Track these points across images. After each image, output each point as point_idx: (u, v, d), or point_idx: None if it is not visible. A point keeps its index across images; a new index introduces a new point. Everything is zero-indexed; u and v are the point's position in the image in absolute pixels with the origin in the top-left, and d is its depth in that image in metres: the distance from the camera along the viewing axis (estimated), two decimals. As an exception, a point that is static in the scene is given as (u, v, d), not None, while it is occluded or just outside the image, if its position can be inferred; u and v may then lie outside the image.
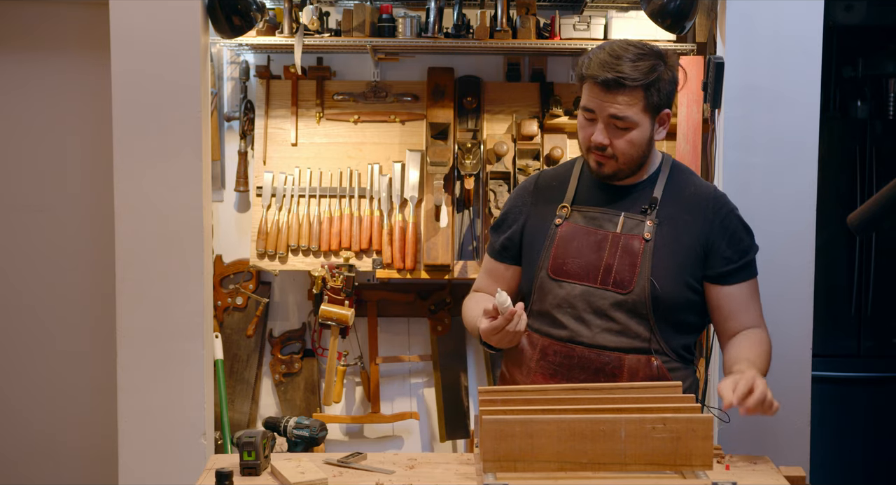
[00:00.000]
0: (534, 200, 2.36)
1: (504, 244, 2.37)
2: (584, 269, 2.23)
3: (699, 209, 2.28)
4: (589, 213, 2.29)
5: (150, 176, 3.03)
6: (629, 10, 3.54)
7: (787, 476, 1.98)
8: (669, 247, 2.23)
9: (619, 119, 2.18)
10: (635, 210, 2.27)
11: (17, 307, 3.71)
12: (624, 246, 2.23)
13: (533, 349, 2.27)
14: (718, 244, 2.26)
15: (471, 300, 2.42)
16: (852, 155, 3.94)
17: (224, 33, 3.17)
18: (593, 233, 2.26)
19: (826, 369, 3.81)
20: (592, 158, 2.25)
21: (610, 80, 2.14)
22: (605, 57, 2.16)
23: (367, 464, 2.03)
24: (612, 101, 2.16)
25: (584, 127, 2.24)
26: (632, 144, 2.21)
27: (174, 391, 3.06)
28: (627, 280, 2.21)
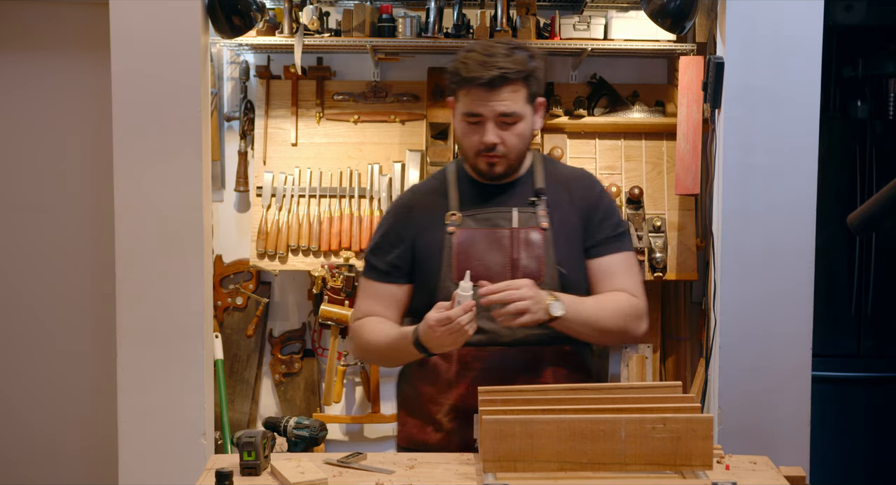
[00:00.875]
0: (415, 216, 2.31)
1: (394, 264, 2.30)
2: (491, 269, 2.23)
3: (576, 190, 2.32)
4: (480, 215, 2.28)
5: (150, 176, 3.03)
6: (629, 10, 3.54)
7: (787, 476, 1.98)
8: (563, 231, 2.27)
9: (507, 115, 2.19)
10: (524, 203, 2.28)
11: (17, 307, 3.71)
12: (525, 239, 2.24)
13: (448, 362, 2.23)
14: (592, 218, 2.30)
15: (370, 323, 2.30)
16: (852, 155, 3.94)
17: (224, 33, 3.17)
18: (491, 233, 2.26)
19: (826, 369, 3.81)
20: (482, 160, 2.23)
21: (496, 78, 2.14)
22: (480, 58, 2.16)
23: (367, 464, 2.03)
24: (498, 98, 2.17)
25: (470, 133, 2.22)
26: (520, 137, 2.23)
27: (174, 391, 3.06)
28: (536, 271, 2.22)
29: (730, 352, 3.09)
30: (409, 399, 2.34)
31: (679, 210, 3.64)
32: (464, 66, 2.18)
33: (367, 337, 2.29)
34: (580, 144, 3.67)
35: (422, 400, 2.29)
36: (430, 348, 2.14)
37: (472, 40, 3.44)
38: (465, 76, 2.18)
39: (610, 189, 3.57)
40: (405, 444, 2.34)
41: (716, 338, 3.11)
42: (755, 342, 3.10)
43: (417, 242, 2.29)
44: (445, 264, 2.24)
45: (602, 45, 3.49)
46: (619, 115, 3.65)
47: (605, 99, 3.66)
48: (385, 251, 2.32)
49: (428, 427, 2.27)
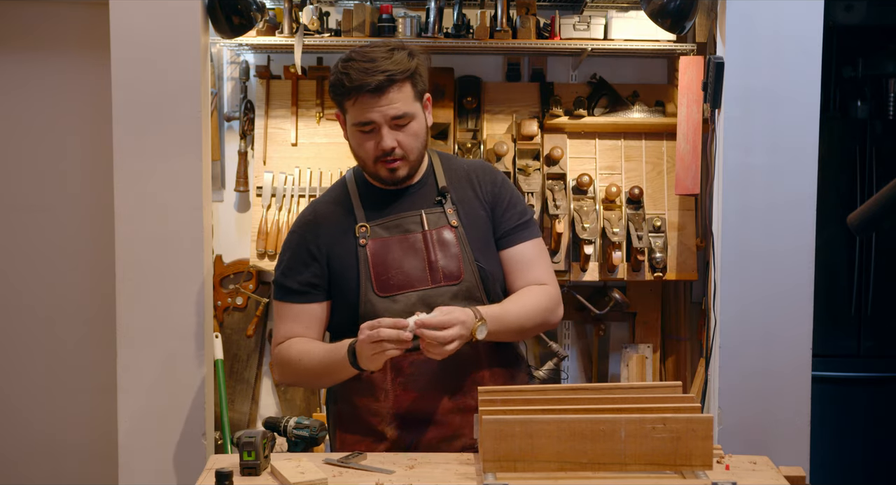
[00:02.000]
0: (322, 231, 2.28)
1: (310, 282, 2.26)
2: (411, 275, 2.22)
3: (477, 182, 2.32)
4: (388, 223, 2.26)
5: (150, 176, 3.03)
6: (629, 10, 3.54)
7: (787, 476, 1.98)
8: (474, 226, 2.27)
9: (399, 117, 2.17)
10: (429, 205, 2.28)
11: (18, 307, 3.71)
12: (438, 240, 2.24)
13: (383, 373, 2.21)
14: (499, 207, 2.31)
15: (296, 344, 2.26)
16: (852, 155, 3.94)
17: (224, 33, 3.17)
18: (403, 239, 2.24)
19: (826, 368, 3.81)
20: (382, 167, 2.21)
21: (382, 82, 2.13)
22: (361, 65, 2.15)
23: (367, 464, 2.03)
24: (388, 102, 2.15)
25: (364, 141, 2.20)
26: (416, 136, 2.22)
27: (174, 391, 3.06)
28: (456, 270, 2.23)
29: (730, 352, 3.09)
30: (345, 416, 2.30)
31: (679, 210, 3.64)
32: (346, 77, 2.16)
33: (297, 359, 2.24)
34: (580, 144, 3.67)
35: (360, 414, 2.26)
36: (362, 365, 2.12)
37: (473, 40, 3.44)
38: (349, 86, 2.15)
39: (610, 189, 3.57)
40: None
41: (716, 338, 3.11)
42: (755, 342, 3.10)
43: (331, 258, 2.26)
44: (364, 278, 2.22)
45: (602, 45, 3.49)
46: (619, 115, 3.65)
47: (605, 99, 3.66)
48: (297, 271, 2.27)
49: (368, 439, 2.24)
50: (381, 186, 2.29)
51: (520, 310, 2.25)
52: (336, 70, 2.21)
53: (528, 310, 2.26)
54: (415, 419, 2.22)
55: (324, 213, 2.31)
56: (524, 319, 2.25)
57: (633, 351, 3.74)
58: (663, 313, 3.81)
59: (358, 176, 2.34)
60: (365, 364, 2.12)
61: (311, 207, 2.37)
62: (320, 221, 2.30)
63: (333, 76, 2.22)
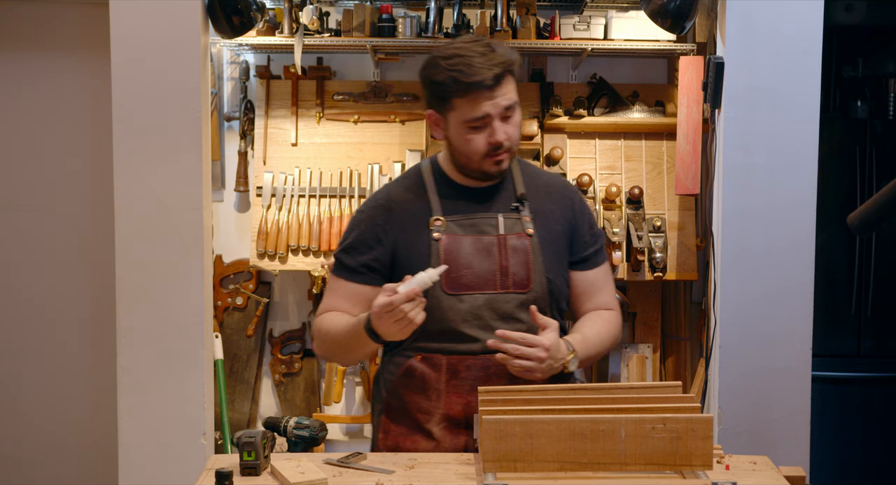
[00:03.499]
0: (395, 218, 2.24)
1: (370, 265, 2.22)
2: (481, 277, 2.19)
3: (558, 197, 2.30)
4: (464, 220, 2.23)
5: (150, 176, 3.03)
6: (629, 10, 3.54)
7: (787, 476, 1.98)
8: (548, 238, 2.25)
9: (509, 108, 2.15)
10: (506, 209, 2.25)
11: (18, 307, 3.71)
12: (512, 246, 2.21)
13: (437, 371, 2.18)
14: (579, 229, 2.30)
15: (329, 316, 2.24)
16: (852, 155, 3.94)
17: (224, 33, 3.17)
18: (478, 240, 2.21)
19: (826, 368, 3.81)
20: (490, 162, 2.18)
21: (500, 75, 2.10)
22: (474, 61, 2.10)
23: (367, 464, 2.03)
24: (502, 93, 2.13)
25: (474, 137, 2.16)
26: (518, 127, 2.20)
27: (174, 391, 3.06)
28: (525, 279, 2.20)
29: (730, 352, 3.09)
30: (393, 407, 2.27)
31: (679, 210, 3.64)
32: (459, 73, 2.11)
33: (326, 329, 2.23)
34: (580, 144, 3.67)
35: (408, 408, 2.23)
36: (381, 335, 2.08)
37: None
38: (466, 81, 2.10)
39: (610, 189, 3.57)
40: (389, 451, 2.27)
41: (716, 338, 3.11)
42: (755, 342, 3.10)
43: (399, 247, 2.23)
44: None
45: (602, 45, 3.49)
46: (619, 116, 3.65)
47: (605, 99, 3.66)
48: (360, 252, 2.24)
49: (416, 435, 2.22)
50: (460, 182, 2.25)
51: (597, 340, 2.26)
52: (440, 69, 2.14)
53: (603, 339, 2.28)
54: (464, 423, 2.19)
55: (398, 199, 2.26)
56: (600, 347, 2.27)
57: (633, 351, 3.74)
58: (663, 313, 3.81)
59: (435, 168, 2.29)
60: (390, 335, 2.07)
61: (384, 190, 2.31)
62: (393, 206, 2.25)
63: (440, 75, 2.14)
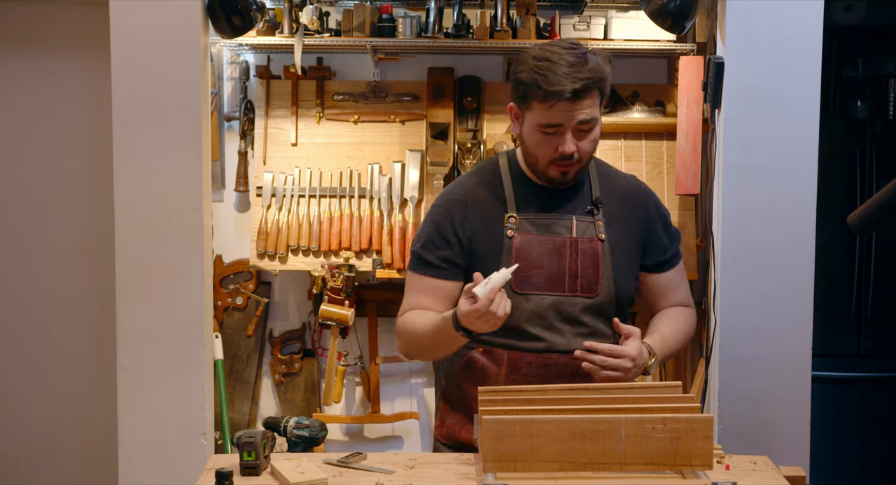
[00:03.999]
0: (470, 212, 2.24)
1: (449, 260, 2.23)
2: (549, 279, 2.19)
3: (633, 202, 2.31)
4: (538, 220, 2.23)
5: (150, 176, 3.03)
6: (629, 10, 3.54)
7: (787, 476, 1.98)
8: (620, 244, 2.25)
9: (586, 123, 2.13)
10: (581, 211, 2.25)
11: (17, 307, 3.71)
12: (583, 250, 2.21)
13: (498, 365, 2.20)
14: (655, 233, 2.31)
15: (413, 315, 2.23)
16: (852, 155, 3.94)
17: (224, 33, 3.17)
18: (550, 241, 2.21)
19: (826, 368, 3.81)
20: (556, 169, 2.17)
21: (581, 90, 2.08)
22: (561, 69, 2.07)
23: (367, 464, 2.03)
24: (580, 108, 2.10)
25: (543, 142, 2.15)
26: (594, 142, 2.19)
27: (174, 391, 3.06)
28: (593, 284, 2.20)
29: (730, 352, 3.09)
30: (451, 396, 2.30)
31: (679, 210, 3.64)
32: (543, 79, 2.07)
33: (411, 328, 2.22)
34: (580, 144, 3.66)
35: (466, 400, 2.23)
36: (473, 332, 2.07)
37: (473, 40, 3.44)
38: (548, 89, 2.07)
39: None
40: (445, 440, 2.30)
41: (716, 338, 3.11)
42: (755, 342, 3.10)
43: (474, 242, 2.22)
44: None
45: (602, 45, 3.49)
46: (619, 116, 3.65)
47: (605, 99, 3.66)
48: (438, 247, 2.23)
49: (471, 426, 2.19)
50: (536, 181, 2.25)
51: (676, 339, 2.30)
52: (528, 67, 2.11)
53: (681, 337, 2.32)
54: None
55: (474, 194, 2.26)
56: (678, 345, 2.31)
57: (633, 351, 3.73)
58: (663, 313, 3.80)
59: (512, 163, 2.28)
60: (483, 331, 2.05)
61: (460, 185, 2.30)
62: (469, 201, 2.25)
63: (524, 73, 2.12)
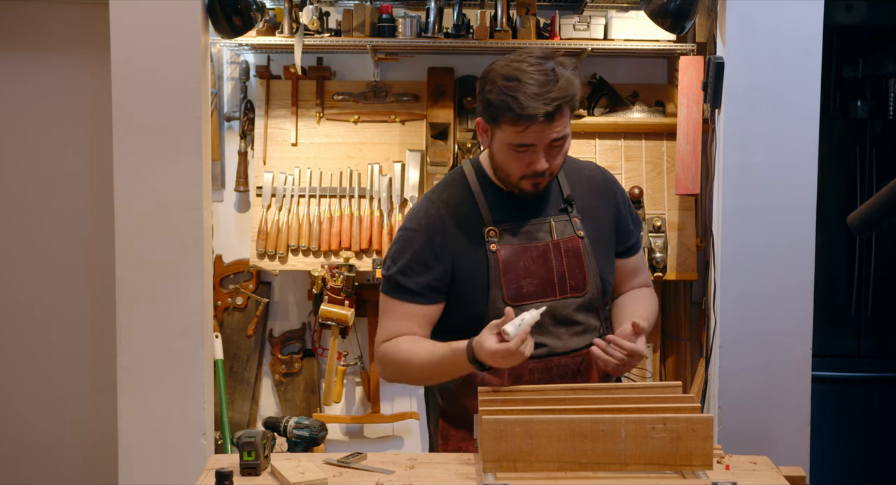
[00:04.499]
0: (450, 232, 2.19)
1: (432, 286, 2.17)
2: (541, 286, 2.19)
3: (601, 191, 2.31)
4: (517, 228, 2.20)
5: (150, 176, 3.03)
6: (629, 10, 3.54)
7: (787, 476, 1.98)
8: (597, 237, 2.26)
9: (558, 140, 2.10)
10: (555, 212, 2.24)
11: (18, 307, 3.71)
12: (566, 250, 2.21)
13: (500, 377, 2.16)
14: (624, 220, 2.33)
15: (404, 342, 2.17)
16: (852, 155, 3.94)
17: (224, 33, 3.17)
18: (534, 248, 2.20)
19: (826, 368, 3.81)
20: (528, 183, 2.14)
21: (552, 112, 2.02)
22: (530, 89, 2.02)
23: (367, 464, 2.03)
24: (552, 128, 2.06)
25: (515, 159, 2.11)
26: (565, 154, 2.17)
27: (174, 391, 3.06)
28: (581, 282, 2.21)
29: (730, 352, 3.09)
30: (451, 414, 2.26)
31: (679, 210, 3.64)
32: (514, 101, 2.02)
33: (405, 356, 2.16)
34: (580, 144, 3.66)
35: (468, 415, 2.16)
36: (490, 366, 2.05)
37: (474, 40, 3.44)
38: (519, 113, 2.02)
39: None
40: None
41: (716, 338, 3.11)
42: (755, 342, 3.10)
43: (457, 261, 2.18)
44: (494, 284, 2.16)
45: (602, 45, 3.49)
46: (619, 115, 3.65)
47: (605, 99, 3.66)
48: (418, 273, 2.17)
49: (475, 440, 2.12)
50: (505, 189, 2.22)
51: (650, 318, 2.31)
52: (496, 88, 2.07)
53: (651, 316, 2.33)
54: None
55: (449, 212, 2.21)
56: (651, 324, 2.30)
57: (633, 351, 3.74)
58: (663, 313, 3.81)
59: (479, 173, 2.24)
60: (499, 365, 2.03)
61: (433, 205, 2.23)
62: (447, 221, 2.20)
63: (493, 94, 2.07)
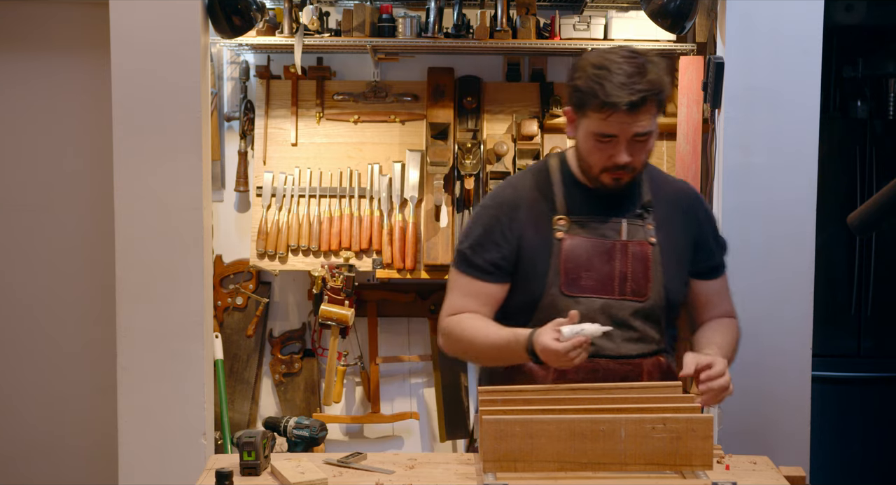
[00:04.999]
0: (521, 215, 2.22)
1: (497, 264, 2.21)
2: (599, 281, 2.18)
3: (684, 206, 2.30)
4: (587, 222, 2.21)
5: (150, 176, 3.03)
6: (629, 10, 3.54)
7: (787, 476, 1.98)
8: (670, 248, 2.23)
9: (641, 135, 2.10)
10: (631, 214, 2.23)
11: (18, 307, 3.71)
12: (633, 253, 2.19)
13: (546, 370, 2.16)
14: (706, 239, 2.30)
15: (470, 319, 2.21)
16: (852, 155, 3.94)
17: (224, 33, 3.17)
18: (599, 243, 2.19)
19: (826, 368, 3.81)
20: (608, 176, 2.15)
21: (637, 102, 2.04)
22: (618, 79, 2.04)
23: (367, 464, 2.03)
24: (636, 120, 2.07)
25: (597, 150, 2.13)
26: (649, 151, 2.17)
27: (174, 391, 3.06)
28: (643, 288, 2.19)
29: (730, 352, 3.09)
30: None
31: (679, 210, 3.64)
32: (600, 88, 2.04)
33: (469, 333, 2.19)
34: (580, 144, 3.66)
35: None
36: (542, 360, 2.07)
37: (474, 40, 3.44)
38: (604, 100, 2.04)
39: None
40: None
41: (716, 338, 3.10)
42: (755, 342, 3.09)
43: (523, 244, 2.20)
44: (553, 272, 2.18)
45: (602, 45, 3.49)
46: (619, 115, 3.64)
47: (605, 99, 3.66)
48: (487, 249, 2.21)
49: None
50: (587, 184, 2.22)
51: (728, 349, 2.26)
52: (585, 75, 2.09)
53: (733, 348, 2.29)
54: None
55: (524, 195, 2.24)
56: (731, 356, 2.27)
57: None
58: (663, 313, 3.80)
59: (563, 165, 2.26)
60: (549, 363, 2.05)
61: (510, 187, 2.28)
62: (520, 203, 2.23)
63: (581, 80, 2.09)
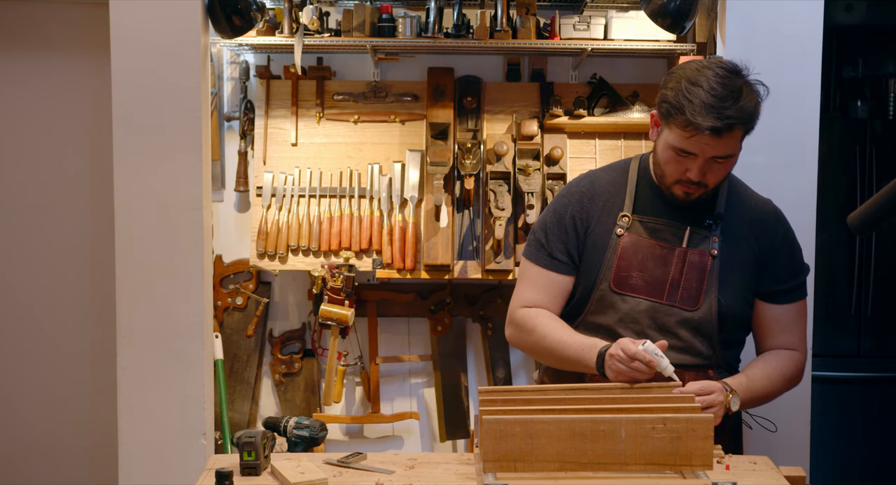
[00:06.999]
0: (590, 205, 2.23)
1: (568, 253, 2.21)
2: (649, 283, 2.16)
3: (760, 225, 2.25)
4: (651, 224, 2.19)
5: (150, 176, 3.03)
6: (629, 10, 3.54)
7: (787, 476, 1.98)
8: (733, 263, 2.19)
9: (721, 158, 2.08)
10: (699, 224, 2.20)
11: (18, 307, 3.71)
12: (691, 262, 2.17)
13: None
14: (775, 263, 2.24)
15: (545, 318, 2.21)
16: (852, 155, 3.94)
17: (224, 33, 3.17)
18: (657, 246, 2.17)
19: (826, 368, 3.81)
20: (680, 189, 2.14)
21: (721, 129, 2.01)
22: (709, 100, 2.01)
23: (367, 464, 2.03)
24: (718, 143, 2.05)
25: (674, 161, 2.11)
26: (726, 171, 2.15)
27: (174, 391, 3.06)
28: (695, 297, 2.16)
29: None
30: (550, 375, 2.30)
31: (679, 210, 3.64)
32: (689, 104, 2.02)
33: (541, 334, 2.19)
34: (580, 144, 3.67)
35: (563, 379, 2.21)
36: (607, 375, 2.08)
37: (474, 40, 3.43)
38: (689, 119, 2.02)
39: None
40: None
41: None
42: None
43: (590, 236, 2.21)
44: (606, 266, 2.18)
45: (602, 45, 3.49)
46: (619, 116, 3.65)
47: (605, 99, 3.66)
48: (557, 238, 2.22)
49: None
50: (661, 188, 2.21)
51: (765, 381, 2.20)
52: (677, 87, 2.07)
53: (773, 381, 2.22)
54: None
55: (600, 188, 2.25)
56: (769, 389, 2.22)
57: (633, 351, 3.74)
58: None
59: (643, 166, 2.27)
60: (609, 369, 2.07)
61: (587, 179, 2.30)
62: (593, 195, 2.24)
63: (672, 92, 2.07)
